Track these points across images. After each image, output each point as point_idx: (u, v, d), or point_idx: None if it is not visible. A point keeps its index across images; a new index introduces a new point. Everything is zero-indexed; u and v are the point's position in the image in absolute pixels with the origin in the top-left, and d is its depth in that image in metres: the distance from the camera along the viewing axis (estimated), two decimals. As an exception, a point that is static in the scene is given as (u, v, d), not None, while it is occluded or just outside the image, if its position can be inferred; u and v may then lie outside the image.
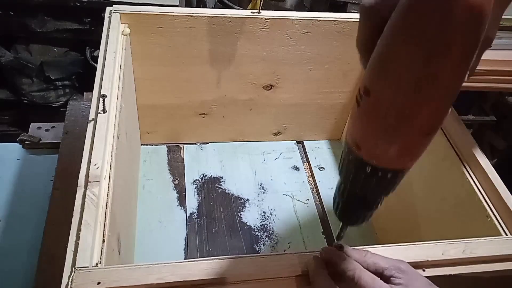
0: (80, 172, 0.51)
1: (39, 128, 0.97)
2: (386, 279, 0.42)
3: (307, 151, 1.02)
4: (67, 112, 0.97)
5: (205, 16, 0.77)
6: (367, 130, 0.32)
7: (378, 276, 0.42)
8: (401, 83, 0.29)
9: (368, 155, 0.34)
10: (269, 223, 0.86)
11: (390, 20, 0.29)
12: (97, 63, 0.65)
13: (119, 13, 0.74)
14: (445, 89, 0.29)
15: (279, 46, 0.84)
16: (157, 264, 0.44)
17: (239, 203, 0.89)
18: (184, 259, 0.77)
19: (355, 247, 0.46)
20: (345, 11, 1.33)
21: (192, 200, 0.88)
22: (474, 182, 0.63)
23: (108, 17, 0.74)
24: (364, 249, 0.46)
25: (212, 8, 1.39)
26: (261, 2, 0.79)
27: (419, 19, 0.27)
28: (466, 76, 0.29)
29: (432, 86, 0.28)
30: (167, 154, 0.97)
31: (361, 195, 0.37)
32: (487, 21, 0.27)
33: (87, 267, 0.43)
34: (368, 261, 0.44)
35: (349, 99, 0.96)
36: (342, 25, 0.82)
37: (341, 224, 0.44)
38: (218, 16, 0.78)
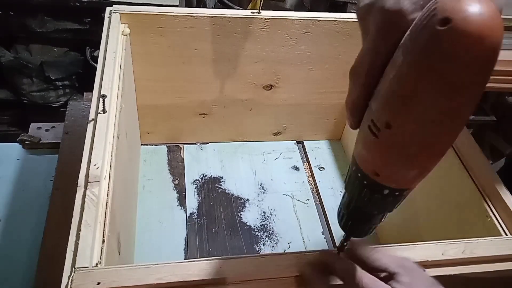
0: (80, 172, 0.51)
1: (39, 128, 0.96)
2: (390, 276, 0.42)
3: (307, 151, 1.02)
4: (67, 112, 0.97)
5: (205, 16, 0.77)
6: (388, 159, 0.33)
7: (382, 273, 0.42)
8: (424, 118, 0.29)
9: (386, 180, 0.34)
10: (269, 223, 0.86)
11: (404, 58, 0.29)
12: (97, 63, 0.65)
13: (119, 13, 0.74)
14: (466, 116, 0.30)
15: (279, 46, 0.84)
16: (157, 264, 0.44)
17: (239, 203, 0.89)
18: (184, 259, 0.77)
19: (360, 242, 0.46)
20: (345, 11, 1.33)
21: (192, 200, 0.88)
22: (474, 182, 0.63)
23: (108, 17, 0.74)
24: (369, 245, 0.46)
25: (212, 8, 1.39)
26: (261, 2, 0.79)
27: (445, 60, 0.27)
28: None
29: (454, 118, 0.30)
30: (167, 154, 0.97)
31: (369, 212, 0.38)
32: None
33: (87, 267, 0.43)
34: (372, 257, 0.43)
35: (349, 99, 0.96)
36: (342, 25, 0.82)
37: (344, 235, 0.44)
38: (218, 16, 0.78)
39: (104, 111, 0.58)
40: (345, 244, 0.44)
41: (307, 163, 1.00)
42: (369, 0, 0.32)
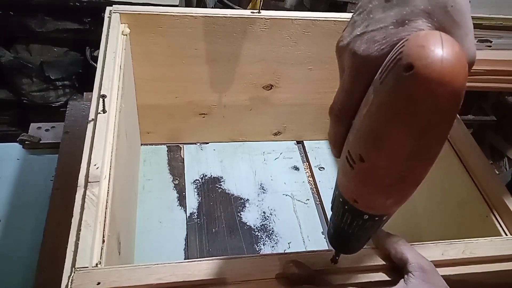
0: (80, 172, 0.51)
1: (39, 128, 0.96)
2: (405, 274, 0.42)
3: (307, 151, 1.02)
4: (67, 112, 0.97)
5: (205, 16, 0.77)
6: (364, 189, 0.34)
7: (399, 267, 0.43)
8: (396, 155, 0.30)
9: (365, 207, 0.35)
10: (269, 223, 0.86)
11: (374, 98, 0.30)
12: (97, 63, 0.65)
13: (119, 13, 0.74)
14: (437, 152, 0.31)
15: (279, 46, 0.84)
16: (157, 264, 0.44)
17: (239, 203, 0.89)
18: (184, 259, 0.77)
19: (389, 232, 0.46)
20: (345, 11, 1.33)
21: (192, 200, 0.88)
22: (474, 182, 0.63)
23: (108, 17, 0.74)
24: (397, 235, 0.46)
25: (212, 8, 1.39)
26: (261, 2, 0.79)
27: (410, 104, 0.28)
28: None
29: (424, 155, 0.30)
30: (167, 154, 0.97)
31: (353, 233, 0.39)
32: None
33: (87, 267, 0.43)
34: (397, 249, 0.44)
35: (349, 99, 0.96)
36: (342, 25, 0.82)
37: (335, 251, 0.44)
38: (218, 16, 0.78)
39: (104, 111, 0.58)
40: (337, 258, 0.45)
41: (307, 163, 1.00)
42: (347, 40, 0.33)
